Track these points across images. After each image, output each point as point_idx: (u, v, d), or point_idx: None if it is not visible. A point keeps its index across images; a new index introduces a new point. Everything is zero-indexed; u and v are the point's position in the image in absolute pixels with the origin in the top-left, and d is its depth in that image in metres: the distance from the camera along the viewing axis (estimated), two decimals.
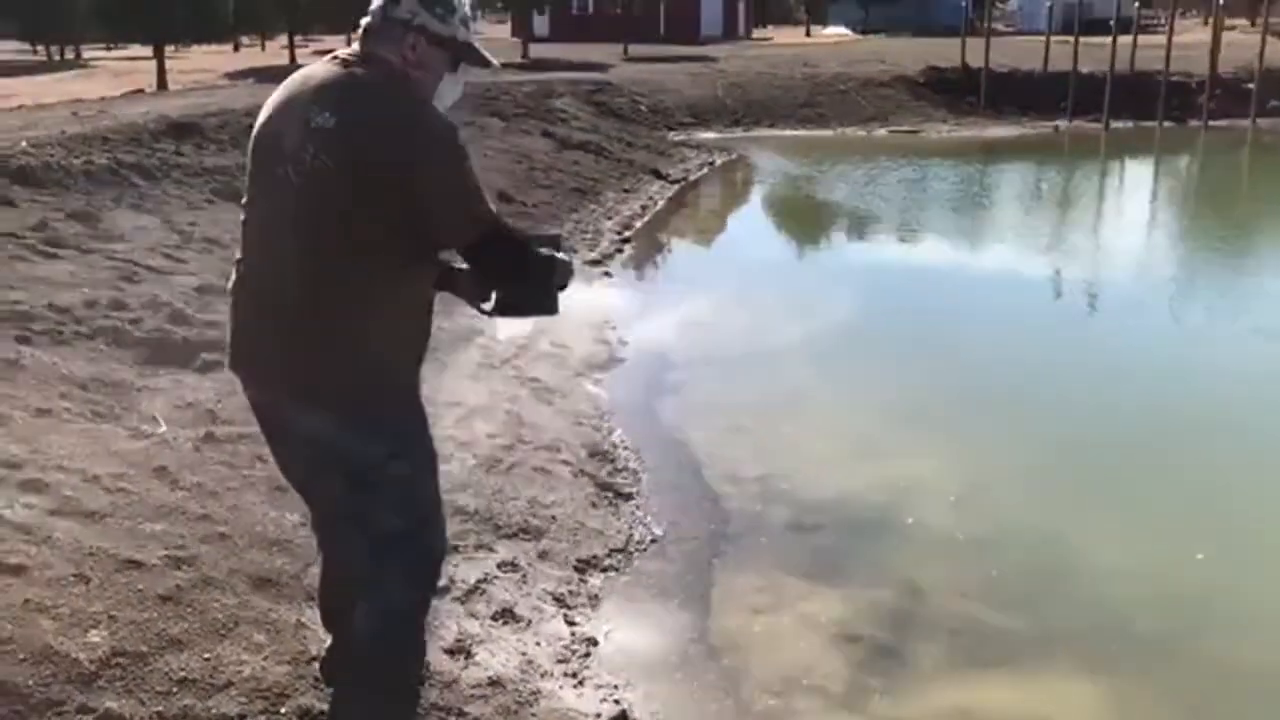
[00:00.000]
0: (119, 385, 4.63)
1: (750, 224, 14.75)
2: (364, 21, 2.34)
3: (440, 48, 2.32)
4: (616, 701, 3.13)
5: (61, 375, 4.57)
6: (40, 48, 30.45)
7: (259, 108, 2.43)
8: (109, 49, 33.33)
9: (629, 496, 4.72)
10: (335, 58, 2.31)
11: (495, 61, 2.44)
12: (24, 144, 9.28)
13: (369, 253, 2.22)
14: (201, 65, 27.67)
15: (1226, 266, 11.79)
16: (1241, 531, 4.64)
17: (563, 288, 2.42)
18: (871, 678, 3.43)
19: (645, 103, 25.10)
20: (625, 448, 5.29)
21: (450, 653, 3.21)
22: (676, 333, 7.82)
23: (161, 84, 22.22)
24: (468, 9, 2.39)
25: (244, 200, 2.38)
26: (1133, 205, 17.68)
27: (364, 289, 2.24)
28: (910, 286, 10.22)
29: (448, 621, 3.37)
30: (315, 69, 2.32)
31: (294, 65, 2.48)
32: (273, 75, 9.91)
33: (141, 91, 19.46)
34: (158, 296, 5.72)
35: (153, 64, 23.07)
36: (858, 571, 4.16)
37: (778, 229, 14.62)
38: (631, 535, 4.34)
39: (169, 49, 23.44)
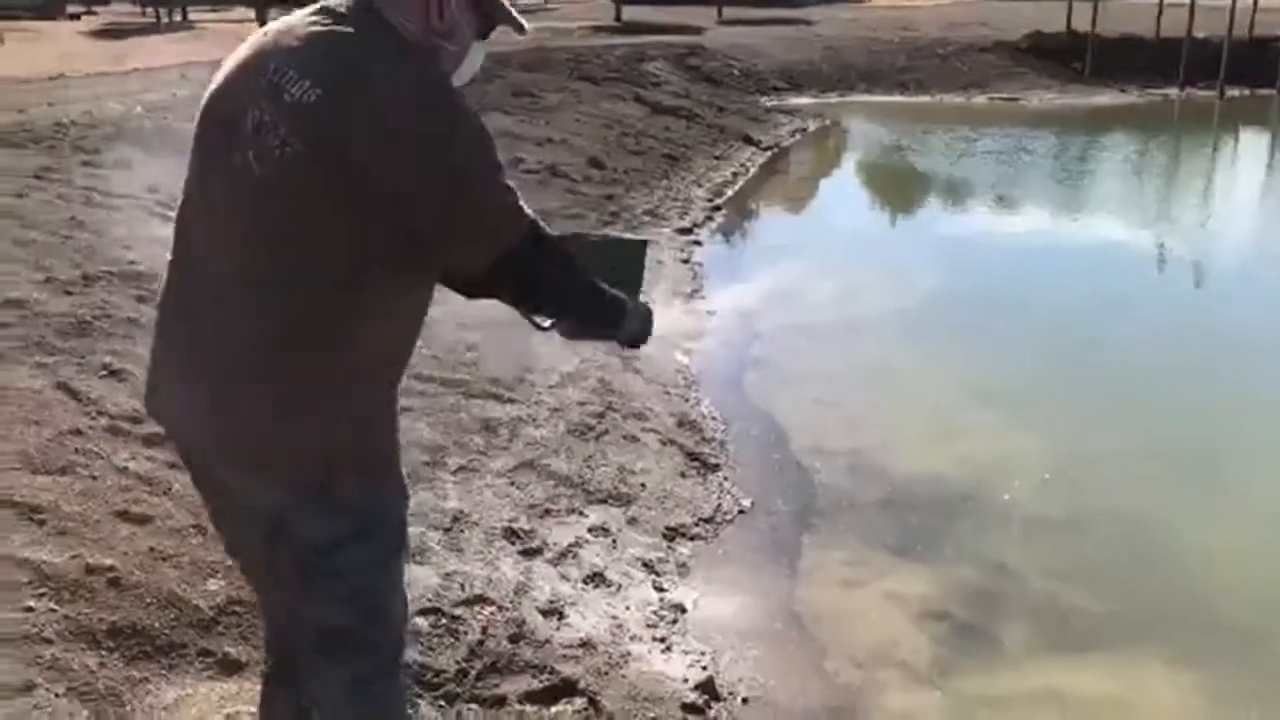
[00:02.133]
0: None
1: (842, 193, 14.57)
2: None
3: (475, 8, 1.80)
4: (704, 668, 3.22)
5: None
6: (150, 9, 31.39)
7: None
8: (214, 9, 34.27)
9: (716, 467, 4.77)
10: (323, 8, 1.71)
11: (528, 24, 1.92)
12: (139, 108, 9.66)
13: (350, 275, 1.65)
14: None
15: None
16: None
17: (636, 343, 1.99)
18: (956, 655, 3.45)
19: (738, 67, 24.86)
20: (713, 418, 5.35)
21: (544, 613, 3.32)
22: (765, 302, 7.81)
23: None
24: None
25: (183, 194, 1.77)
26: (1245, 179, 16.98)
27: (340, 324, 1.67)
28: (1004, 260, 10.02)
29: (542, 582, 3.49)
30: (293, 20, 1.70)
31: None
32: None
33: None
34: None
35: (255, 26, 23.62)
36: (945, 549, 4.17)
37: (870, 198, 14.42)
38: (719, 505, 4.41)
39: (271, 11, 24.00)
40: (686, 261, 8.66)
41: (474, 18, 1.80)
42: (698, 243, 9.47)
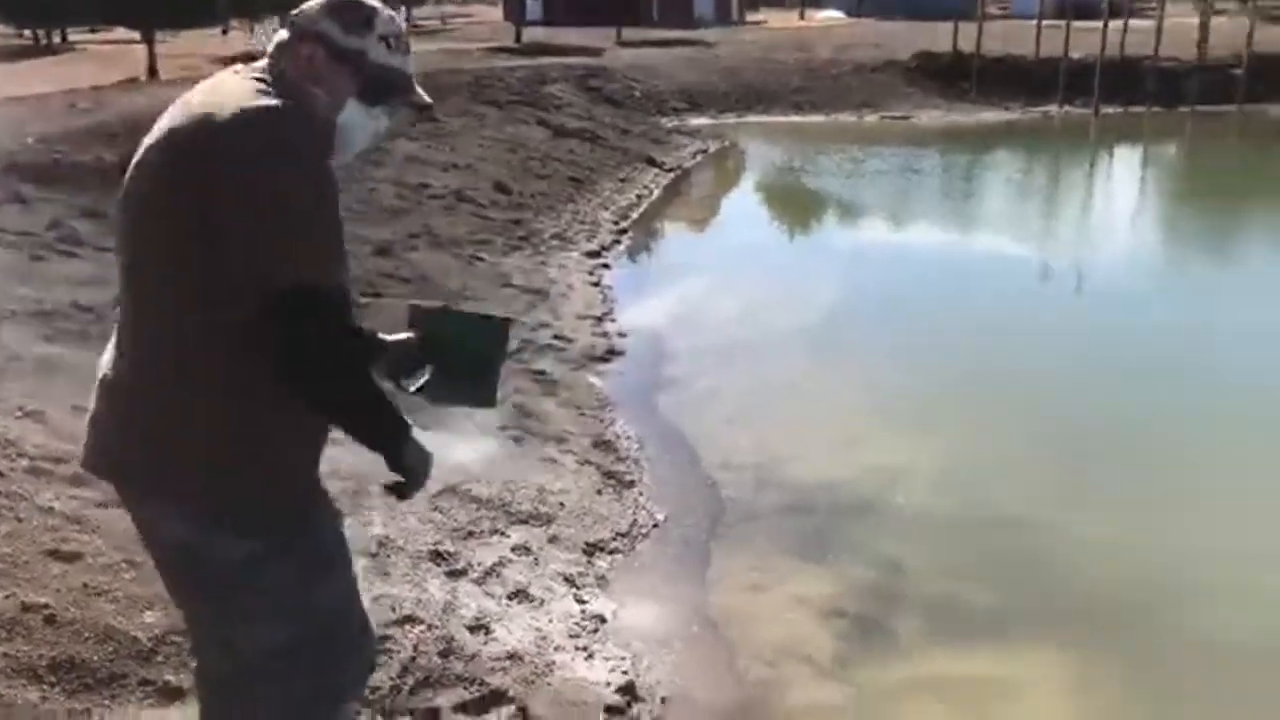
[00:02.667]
0: None
1: (743, 213, 14.98)
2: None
3: (343, 65, 1.84)
4: (624, 672, 3.42)
5: (89, 375, 4.82)
6: (26, 31, 30.35)
7: None
8: (94, 31, 33.24)
9: (632, 484, 4.99)
10: (238, 70, 1.85)
11: (428, 100, 1.96)
12: (29, 140, 9.49)
13: (186, 310, 1.73)
14: (190, 50, 27.73)
15: (1214, 254, 12.08)
16: (1213, 512, 4.91)
17: (406, 487, 1.89)
18: (856, 649, 3.73)
19: (639, 88, 25.27)
20: (627, 437, 5.56)
21: (472, 629, 3.49)
22: (674, 323, 8.09)
23: (152, 72, 22.28)
24: (396, 29, 1.90)
25: None
26: (1122, 192, 17.95)
27: (199, 352, 1.74)
28: (900, 274, 10.48)
29: (468, 600, 3.66)
30: (222, 77, 1.84)
31: None
32: None
33: (135, 80, 19.60)
34: None
35: (139, 48, 22.98)
36: (846, 551, 4.45)
37: (771, 218, 14.86)
38: (635, 520, 4.62)
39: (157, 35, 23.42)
40: (596, 285, 8.89)
41: (345, 73, 1.84)
42: (606, 265, 9.71)
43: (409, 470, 1.86)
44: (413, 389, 2.08)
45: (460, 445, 4.82)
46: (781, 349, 7.52)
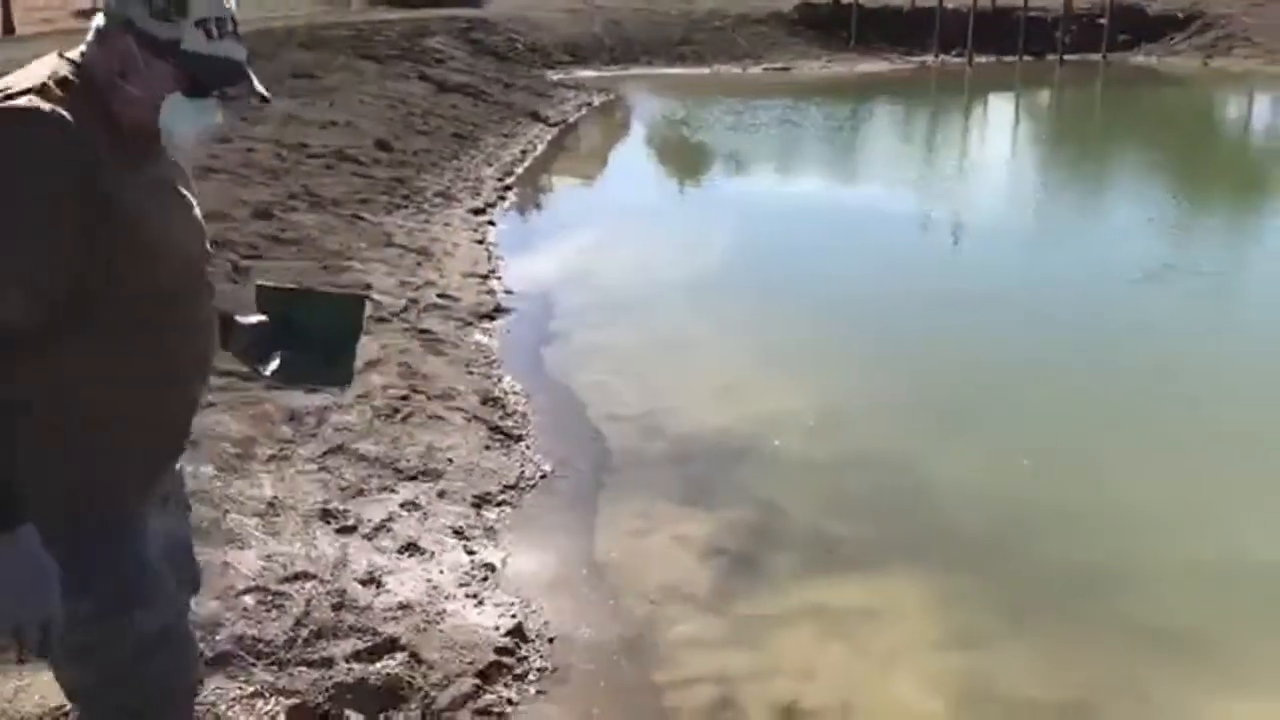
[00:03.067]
0: None
1: (629, 167, 15.10)
2: None
3: (157, 58, 1.66)
4: (513, 616, 3.57)
5: None
6: None
7: None
8: None
9: (519, 438, 5.12)
10: (62, 53, 1.70)
11: (264, 90, 1.79)
12: None
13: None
14: (49, 1, 26.33)
15: (1081, 196, 12.72)
16: (1066, 447, 5.29)
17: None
18: (734, 585, 3.95)
19: (522, 40, 25.03)
20: (514, 393, 5.68)
21: (363, 583, 3.59)
22: (560, 278, 8.20)
23: (8, 27, 21.12)
24: (219, 10, 1.69)
25: None
26: (994, 140, 18.63)
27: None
28: (781, 227, 10.77)
29: (359, 556, 3.75)
30: (34, 65, 1.69)
31: None
32: None
33: None
34: None
35: None
36: (725, 495, 4.68)
37: (656, 171, 15.02)
38: (523, 473, 4.76)
39: None
40: (481, 242, 8.92)
41: (163, 65, 1.66)
42: (491, 223, 9.74)
43: None
44: (267, 372, 2.06)
45: (342, 405, 4.88)
46: (666, 303, 7.72)
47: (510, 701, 3.18)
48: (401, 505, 4.24)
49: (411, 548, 3.94)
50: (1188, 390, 6.04)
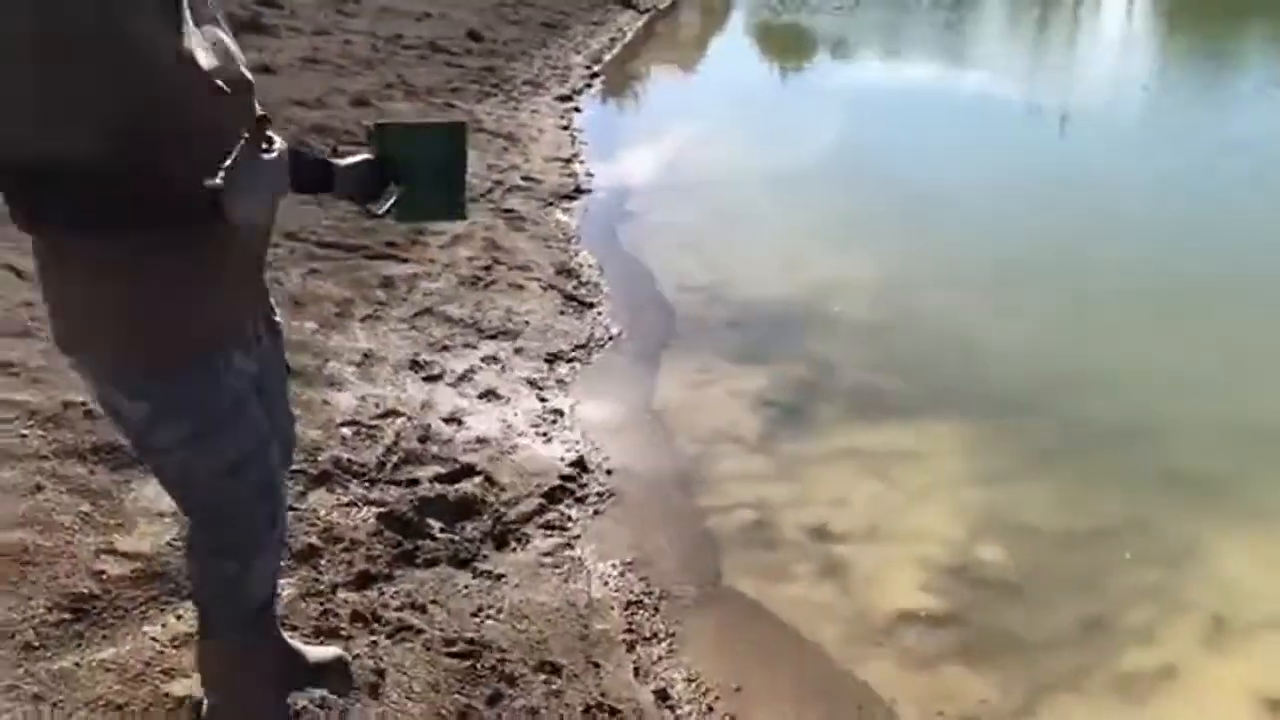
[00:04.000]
0: None
1: (717, 55, 15.08)
2: None
3: None
4: (577, 451, 4.01)
5: None
6: None
7: None
8: None
9: (591, 305, 5.51)
10: None
11: None
12: None
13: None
14: None
15: (1188, 77, 12.30)
16: (1119, 327, 5.43)
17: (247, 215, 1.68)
18: (781, 430, 4.31)
19: None
20: (589, 265, 6.06)
21: (446, 421, 4.06)
22: (640, 162, 8.48)
23: None
24: None
25: None
26: (1106, 25, 17.90)
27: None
28: (869, 112, 10.78)
29: (443, 400, 4.22)
30: None
31: None
32: None
33: None
34: None
35: None
36: (780, 354, 5.01)
37: (745, 58, 14.97)
38: (593, 334, 5.16)
39: None
40: (566, 128, 9.22)
41: None
42: (577, 109, 10.00)
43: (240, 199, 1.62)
44: (381, 210, 2.07)
45: (432, 274, 5.33)
46: (743, 183, 7.95)
47: (571, 519, 3.62)
48: (482, 359, 4.69)
49: (490, 394, 4.40)
50: (1249, 274, 6.08)
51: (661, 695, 2.82)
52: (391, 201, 2.06)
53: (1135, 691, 2.93)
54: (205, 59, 1.66)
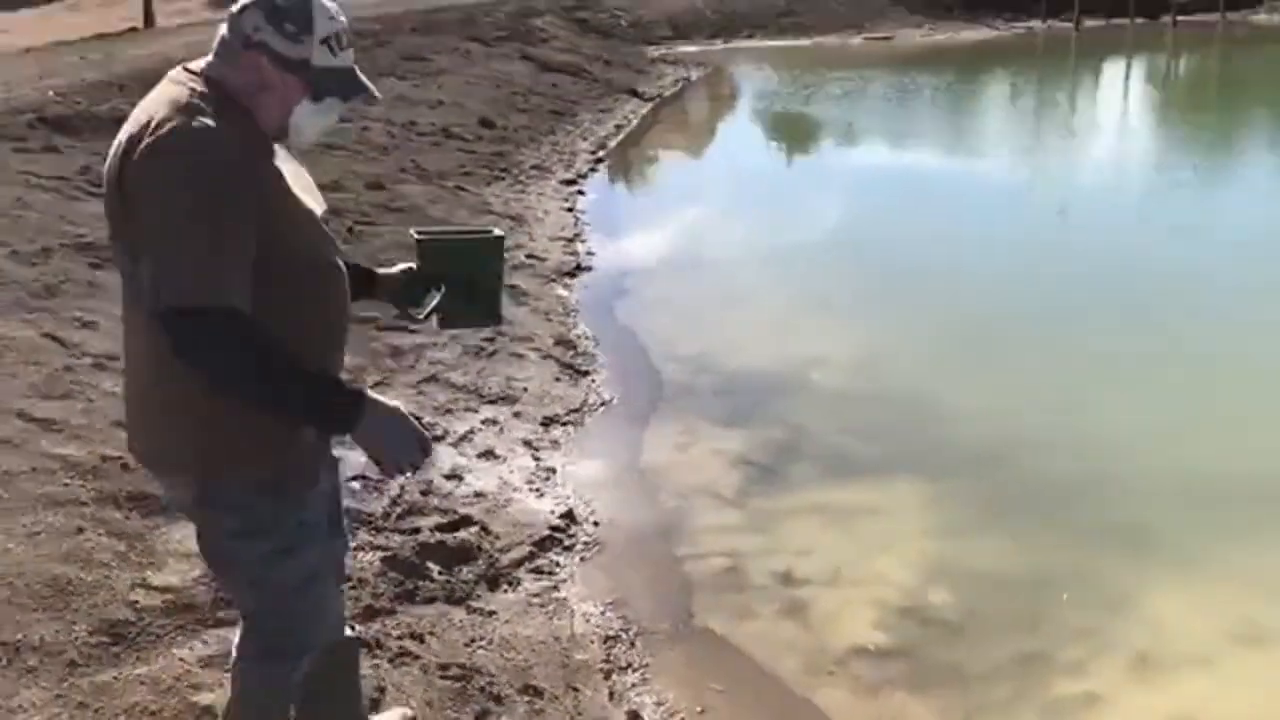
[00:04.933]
0: None
1: (719, 139, 15.73)
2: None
3: (289, 74, 1.91)
4: (567, 504, 4.37)
5: None
6: None
7: None
8: None
9: (586, 373, 5.92)
10: (186, 68, 1.94)
11: (377, 93, 2.04)
12: (51, 93, 10.30)
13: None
14: None
15: (1184, 165, 12.83)
16: (1064, 388, 5.79)
17: (390, 464, 1.94)
18: (756, 487, 4.67)
19: (625, 17, 25.72)
20: (586, 337, 6.48)
21: (447, 477, 4.44)
22: (638, 243, 8.99)
23: (148, 20, 22.76)
24: (338, 26, 1.94)
25: None
26: (1102, 111, 18.54)
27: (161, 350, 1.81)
28: (854, 194, 11.30)
29: (445, 458, 4.60)
30: (163, 86, 1.93)
31: None
32: None
33: (135, 30, 20.21)
34: None
35: None
36: (760, 419, 5.39)
37: (745, 142, 15.60)
38: (587, 400, 5.55)
39: None
40: (570, 210, 9.74)
41: (292, 79, 1.91)
42: (581, 192, 10.55)
43: (367, 441, 1.87)
44: (422, 316, 2.21)
45: (438, 344, 5.75)
46: (736, 261, 8.44)
47: (558, 564, 3.97)
48: (482, 422, 5.08)
49: (488, 454, 4.78)
50: (1203, 343, 6.44)
51: (633, 716, 3.14)
52: (431, 308, 2.21)
53: (1062, 716, 3.24)
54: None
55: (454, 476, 4.49)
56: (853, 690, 3.33)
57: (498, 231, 2.41)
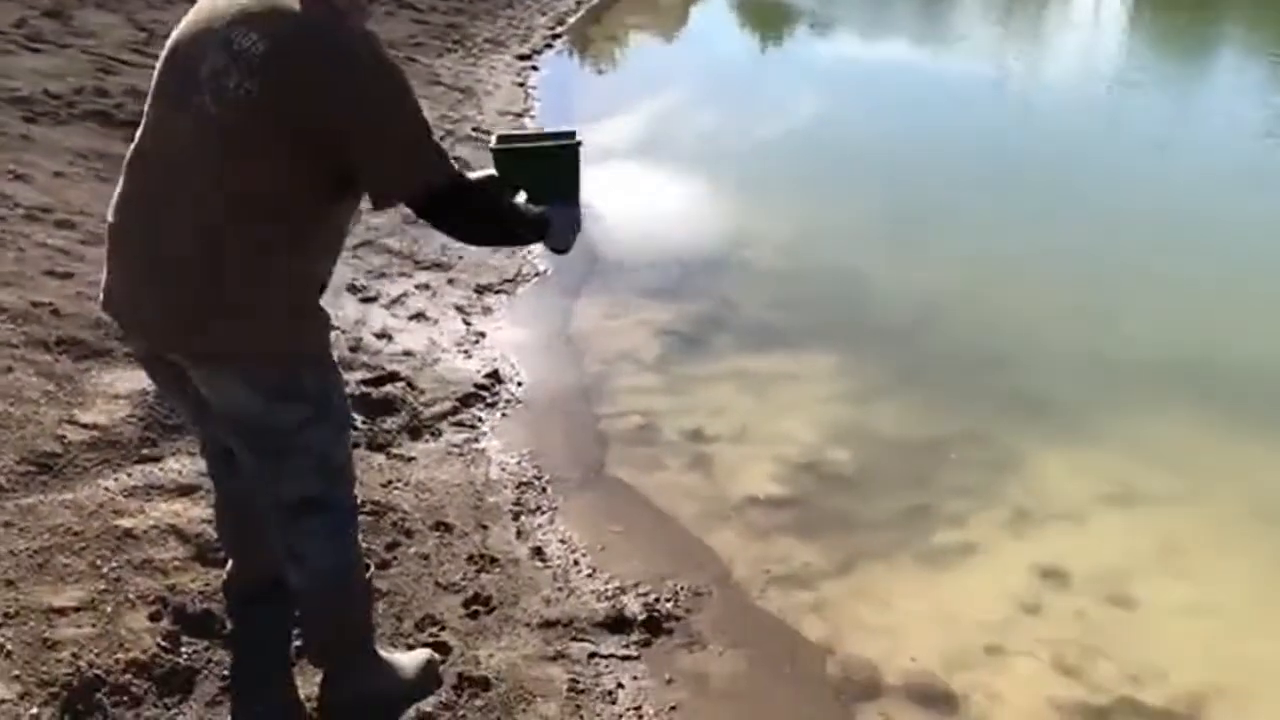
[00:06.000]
0: (115, 156, 5.79)
1: (682, 21, 15.48)
2: None
3: None
4: (493, 365, 4.53)
5: (65, 147, 5.73)
6: None
7: None
8: None
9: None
10: None
11: None
12: None
13: (288, 202, 1.98)
14: None
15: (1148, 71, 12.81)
16: (994, 268, 6.01)
17: (561, 250, 2.34)
18: (677, 354, 4.86)
19: None
20: None
21: (377, 335, 4.57)
22: (587, 120, 8.93)
23: None
24: None
25: (141, 130, 2.07)
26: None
27: (276, 244, 1.99)
28: (824, 87, 11.27)
29: (376, 319, 4.73)
30: None
31: None
32: None
33: None
34: (135, 86, 6.78)
35: None
36: (689, 293, 5.54)
37: (708, 27, 15.39)
38: (521, 270, 5.67)
39: None
40: (522, 85, 9.67)
41: None
42: (535, 68, 10.44)
43: (554, 239, 2.30)
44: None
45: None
46: (680, 144, 8.46)
47: (480, 419, 4.15)
48: (416, 286, 5.20)
49: (419, 316, 4.91)
50: (1130, 233, 6.66)
51: (537, 551, 3.36)
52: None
53: (937, 562, 3.50)
54: None
55: (384, 336, 4.62)
56: (744, 534, 3.57)
57: (577, 137, 2.46)
